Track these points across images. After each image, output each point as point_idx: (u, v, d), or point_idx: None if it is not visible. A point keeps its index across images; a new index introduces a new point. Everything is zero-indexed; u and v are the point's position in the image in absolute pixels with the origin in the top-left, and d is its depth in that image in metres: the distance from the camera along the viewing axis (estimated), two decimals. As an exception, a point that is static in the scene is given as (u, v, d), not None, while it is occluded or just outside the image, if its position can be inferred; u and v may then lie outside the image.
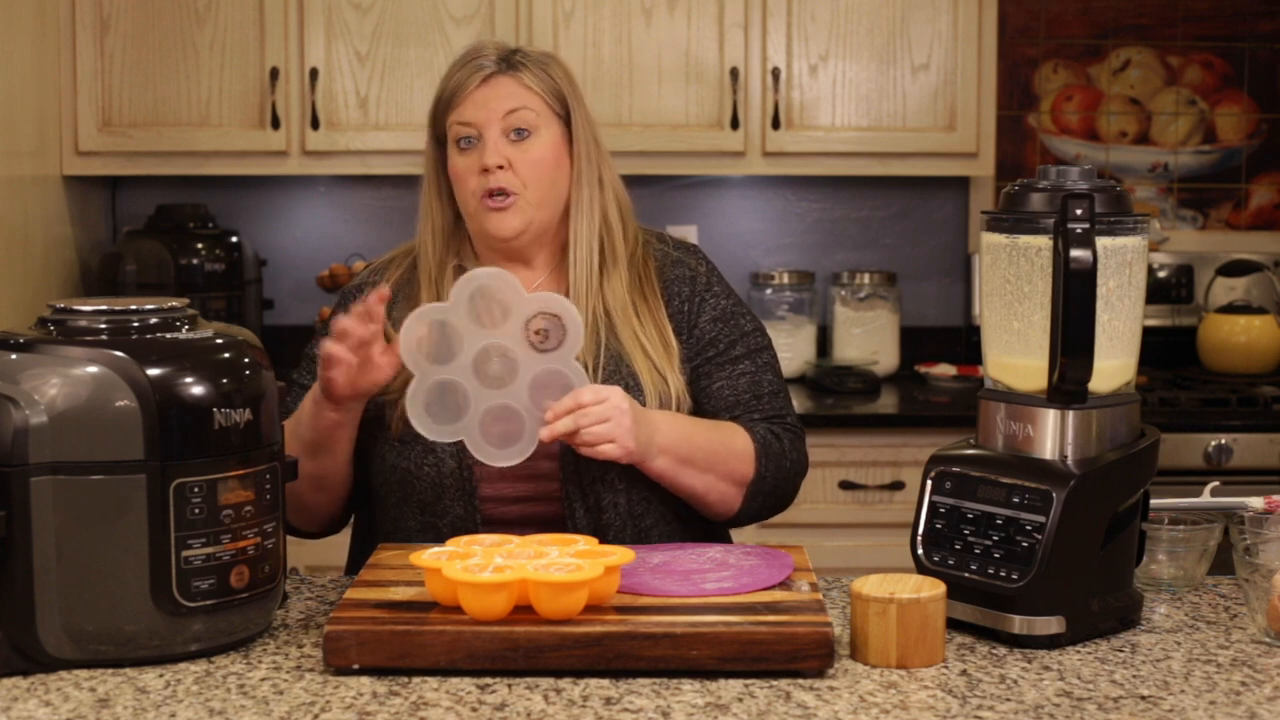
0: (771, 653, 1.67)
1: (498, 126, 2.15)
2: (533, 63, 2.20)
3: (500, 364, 2.00)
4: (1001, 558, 1.81)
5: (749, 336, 2.24)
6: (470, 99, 2.17)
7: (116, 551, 1.69)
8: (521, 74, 2.18)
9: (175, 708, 1.60)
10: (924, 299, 4.30)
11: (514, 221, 2.16)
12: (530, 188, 2.16)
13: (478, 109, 2.16)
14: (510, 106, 2.16)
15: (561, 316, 2.00)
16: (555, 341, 2.00)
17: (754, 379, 2.22)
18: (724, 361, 2.21)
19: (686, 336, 2.21)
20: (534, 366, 2.01)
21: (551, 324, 2.00)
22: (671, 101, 3.84)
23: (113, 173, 3.90)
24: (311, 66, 3.77)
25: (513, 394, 2.01)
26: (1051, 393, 1.83)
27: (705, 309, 2.23)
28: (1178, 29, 4.25)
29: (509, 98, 2.16)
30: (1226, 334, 4.02)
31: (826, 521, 3.58)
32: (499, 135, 2.15)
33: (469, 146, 2.17)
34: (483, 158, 2.15)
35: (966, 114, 3.88)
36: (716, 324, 2.22)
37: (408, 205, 4.08)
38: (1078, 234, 1.78)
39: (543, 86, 2.18)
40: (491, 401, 2.00)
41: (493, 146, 2.15)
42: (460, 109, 2.17)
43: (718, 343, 2.21)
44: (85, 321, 1.75)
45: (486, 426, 2.01)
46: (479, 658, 1.68)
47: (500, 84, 2.17)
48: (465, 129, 2.17)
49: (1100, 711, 1.60)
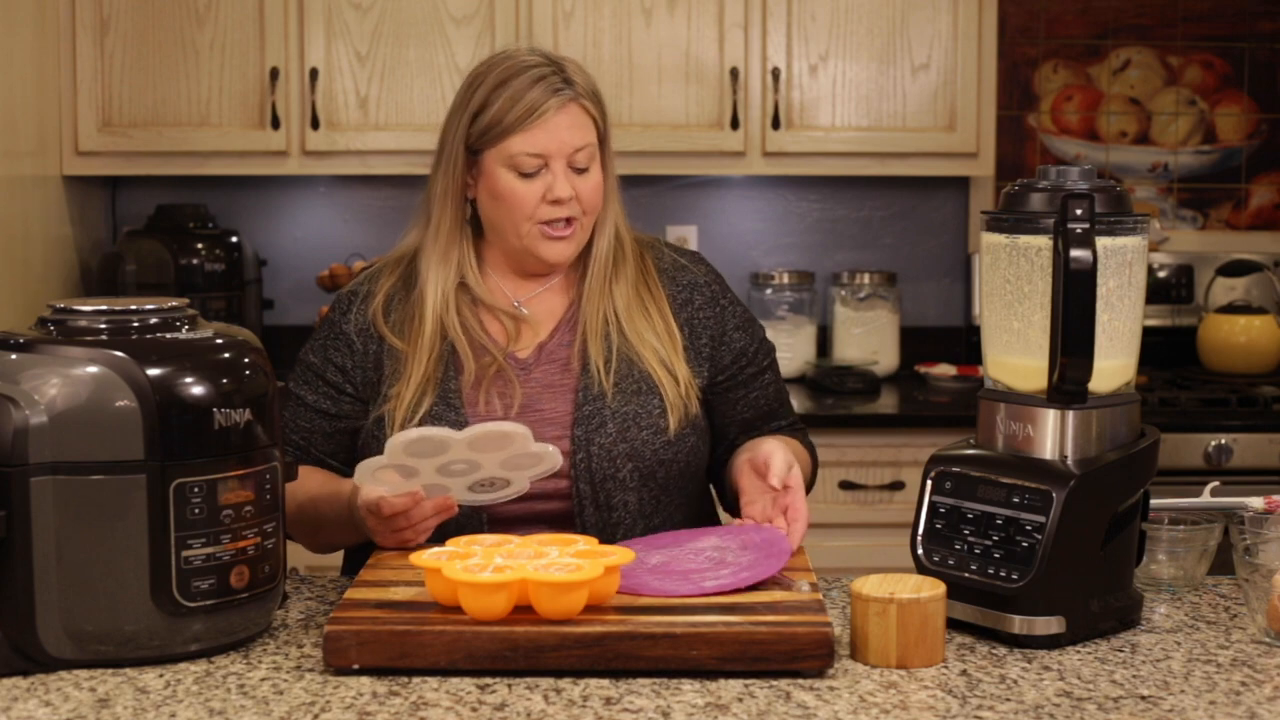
0: (771, 653, 1.67)
1: (565, 158, 2.13)
2: (581, 76, 2.16)
3: (464, 466, 1.95)
4: (1001, 558, 1.81)
5: (764, 344, 2.30)
6: (543, 126, 2.11)
7: (116, 551, 1.69)
8: (582, 97, 2.15)
9: (175, 708, 1.60)
10: (924, 299, 4.30)
11: (571, 249, 2.18)
12: (588, 214, 2.17)
13: (550, 139, 2.12)
14: (580, 143, 2.14)
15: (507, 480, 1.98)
16: (503, 485, 1.99)
17: (777, 388, 2.29)
18: (755, 372, 2.26)
19: (714, 345, 2.23)
20: (495, 465, 1.97)
21: (495, 479, 1.98)
22: (671, 101, 3.84)
23: (113, 173, 3.90)
24: (311, 66, 3.77)
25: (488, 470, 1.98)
26: (1051, 393, 1.83)
27: (730, 318, 2.25)
28: (1178, 29, 4.25)
29: (578, 132, 2.13)
30: (1226, 334, 4.02)
31: (826, 521, 3.58)
32: (565, 166, 2.14)
33: (533, 174, 2.13)
34: (554, 189, 2.13)
35: (966, 114, 3.88)
36: (742, 333, 2.26)
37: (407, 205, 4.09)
38: (1078, 234, 1.78)
39: (596, 109, 2.17)
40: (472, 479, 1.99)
41: (563, 178, 2.13)
42: (529, 136, 2.11)
43: (748, 351, 2.25)
44: (85, 321, 1.75)
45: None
46: (479, 658, 1.68)
47: (572, 113, 2.13)
48: (535, 157, 2.12)
49: (1100, 711, 1.60)
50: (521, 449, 1.93)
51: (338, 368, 2.19)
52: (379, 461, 1.90)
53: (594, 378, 2.14)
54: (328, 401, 2.19)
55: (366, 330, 2.19)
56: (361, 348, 2.19)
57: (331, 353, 2.20)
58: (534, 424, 2.10)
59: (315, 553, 2.24)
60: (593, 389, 2.14)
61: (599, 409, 2.13)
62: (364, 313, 2.20)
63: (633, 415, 2.13)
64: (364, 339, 2.19)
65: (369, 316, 2.19)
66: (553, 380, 2.16)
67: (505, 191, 2.14)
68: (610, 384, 2.13)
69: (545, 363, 2.18)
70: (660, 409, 2.14)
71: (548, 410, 2.14)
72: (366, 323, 2.19)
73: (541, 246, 2.16)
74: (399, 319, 2.19)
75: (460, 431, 1.88)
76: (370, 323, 2.19)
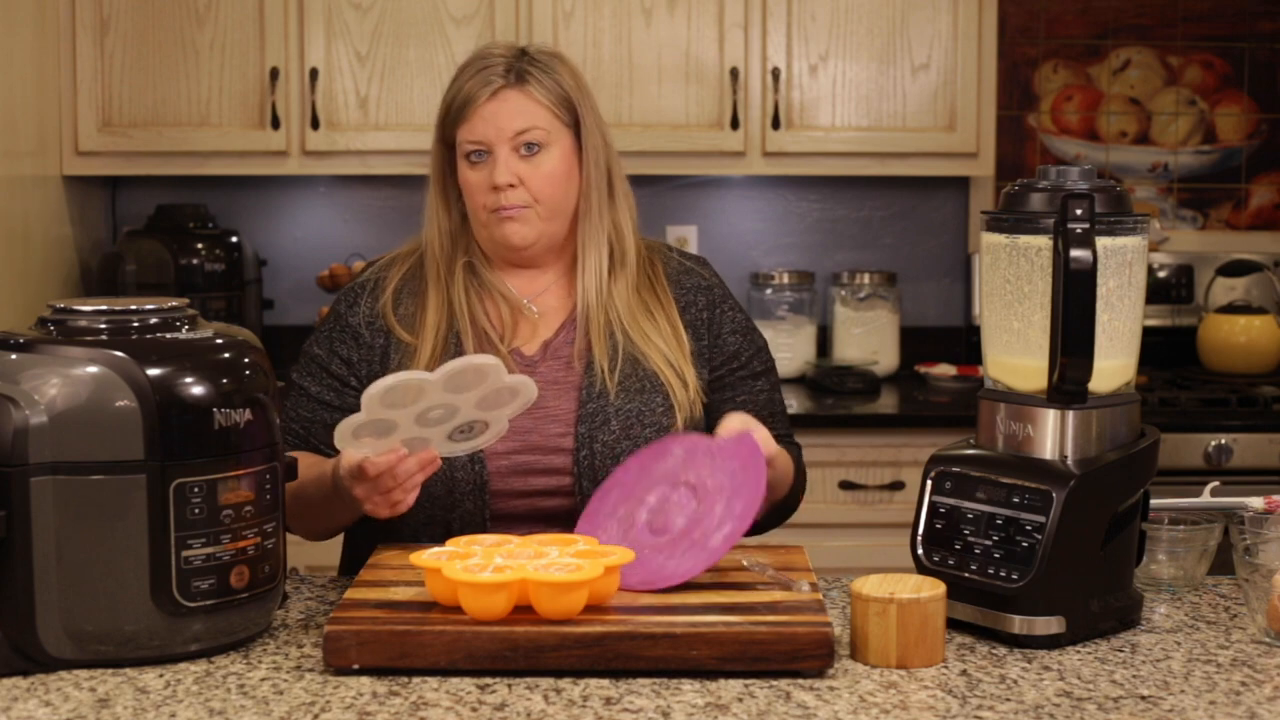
0: (771, 653, 1.67)
1: (508, 144, 2.14)
2: (540, 70, 2.16)
3: (441, 411, 1.92)
4: (1001, 558, 1.81)
5: (762, 352, 2.28)
6: (479, 115, 2.14)
7: (116, 551, 1.69)
8: (530, 85, 2.15)
9: (175, 708, 1.60)
10: (924, 299, 4.30)
11: (525, 231, 2.17)
12: (542, 202, 2.16)
13: (486, 126, 2.14)
14: (519, 127, 2.14)
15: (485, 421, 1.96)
16: (483, 428, 1.97)
17: (769, 397, 2.26)
18: (746, 376, 2.25)
19: (710, 345, 2.23)
20: (472, 408, 1.94)
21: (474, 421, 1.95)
22: (671, 101, 3.84)
23: (113, 173, 3.90)
24: (311, 66, 3.77)
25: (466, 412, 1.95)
26: (1051, 393, 1.83)
27: (726, 320, 2.25)
28: (1178, 29, 4.25)
29: (518, 116, 2.14)
30: (1226, 334, 4.02)
31: (826, 521, 3.58)
32: (509, 152, 2.14)
33: (479, 161, 2.15)
34: (493, 175, 2.14)
35: (966, 114, 3.88)
36: (738, 336, 2.25)
37: (407, 205, 4.11)
38: (1078, 234, 1.78)
39: (552, 98, 2.16)
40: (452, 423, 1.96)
41: (503, 164, 2.13)
42: (469, 125, 2.15)
43: (740, 355, 2.24)
44: (85, 321, 1.75)
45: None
46: (479, 658, 1.68)
47: (509, 99, 2.14)
48: (474, 145, 2.15)
49: (1100, 711, 1.60)
50: (496, 382, 1.90)
51: (343, 360, 2.19)
52: (357, 419, 1.87)
53: (598, 375, 2.14)
54: (331, 393, 2.19)
55: (374, 323, 2.19)
56: (369, 340, 2.19)
57: (337, 345, 2.20)
58: (538, 420, 2.10)
59: (311, 540, 2.22)
60: (596, 386, 2.14)
61: (602, 406, 2.13)
62: (372, 305, 2.21)
63: (636, 413, 2.13)
64: (371, 332, 2.19)
65: (378, 308, 2.20)
66: (557, 377, 2.17)
67: (462, 181, 2.18)
68: (614, 382, 2.14)
69: (550, 359, 2.18)
70: (664, 407, 2.14)
71: (552, 407, 2.14)
72: (375, 315, 2.20)
73: (495, 228, 2.17)
74: (410, 310, 2.19)
75: (434, 373, 1.86)
76: (379, 314, 2.19)
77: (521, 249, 2.18)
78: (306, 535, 2.20)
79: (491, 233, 2.18)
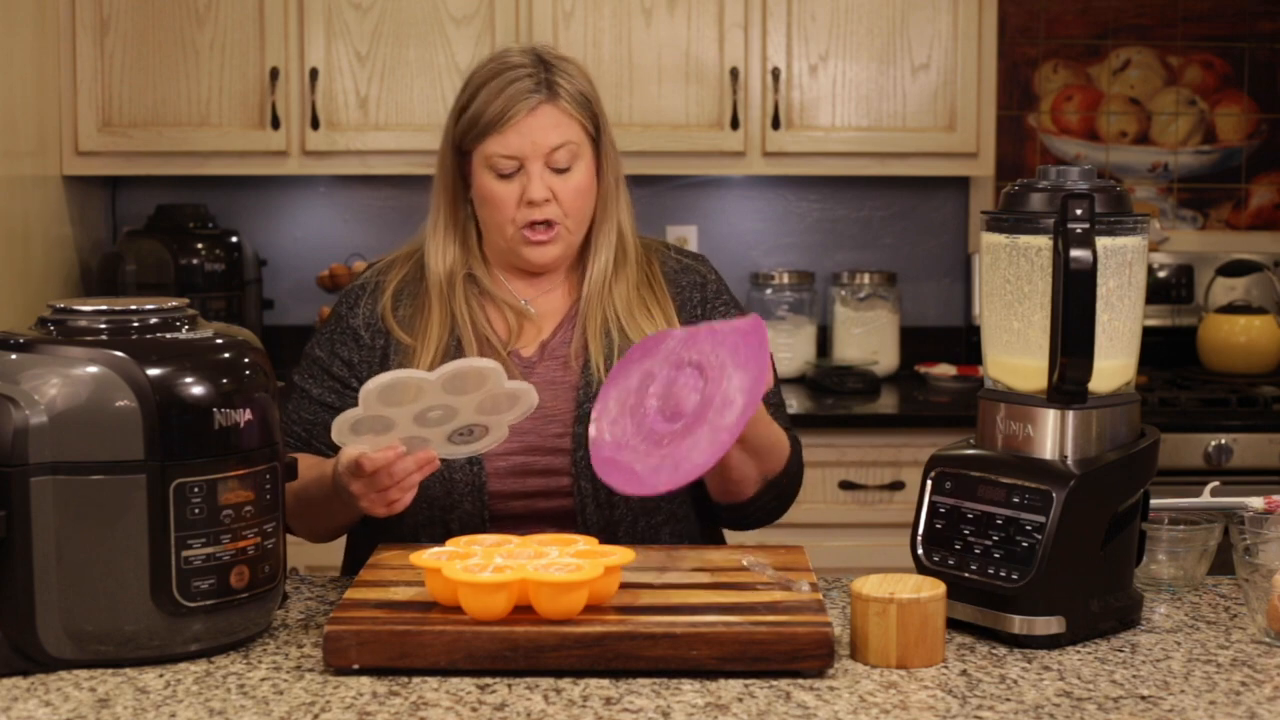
0: (771, 653, 1.67)
1: (542, 159, 2.12)
2: (566, 79, 2.14)
3: (440, 412, 1.91)
4: (1001, 558, 1.81)
5: None
6: (515, 129, 2.11)
7: (116, 551, 1.69)
8: (562, 99, 2.13)
9: (175, 708, 1.60)
10: (924, 299, 4.30)
11: (555, 251, 2.16)
12: (571, 216, 2.16)
13: (523, 141, 2.12)
14: (555, 142, 2.12)
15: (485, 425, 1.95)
16: (483, 432, 1.96)
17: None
18: None
19: None
20: (471, 411, 1.93)
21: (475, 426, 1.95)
22: (671, 101, 3.84)
23: (113, 173, 3.90)
24: (311, 66, 3.77)
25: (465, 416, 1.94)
26: (1051, 393, 1.83)
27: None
28: (1178, 29, 4.25)
29: (553, 131, 2.12)
30: (1226, 334, 4.02)
31: (826, 521, 3.58)
32: (542, 166, 2.12)
33: (509, 175, 2.13)
34: (528, 191, 2.12)
35: (966, 114, 3.88)
36: None
37: (407, 205, 4.12)
38: (1078, 234, 1.78)
39: (582, 112, 2.15)
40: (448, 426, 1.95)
41: (538, 180, 2.12)
42: (502, 138, 2.12)
43: None
44: (85, 321, 1.75)
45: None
46: (479, 658, 1.68)
47: (545, 113, 2.12)
48: (508, 159, 2.12)
49: (1100, 711, 1.60)
50: (496, 387, 1.89)
51: (344, 362, 2.19)
52: (355, 414, 1.86)
53: (595, 375, 2.14)
54: (332, 395, 2.19)
55: (374, 325, 2.19)
56: (369, 342, 2.19)
57: (338, 347, 2.20)
58: (537, 421, 2.10)
59: (314, 541, 2.22)
60: (594, 387, 2.14)
61: None
62: (373, 307, 2.21)
63: None
64: (371, 333, 2.19)
65: (378, 310, 2.20)
66: (555, 377, 2.17)
67: (486, 193, 2.15)
68: None
69: (548, 360, 2.18)
70: (663, 407, 2.14)
71: (550, 407, 2.14)
72: (375, 317, 2.20)
73: (523, 250, 2.16)
74: (409, 313, 2.19)
75: (433, 373, 1.86)
76: (379, 316, 2.19)
77: (549, 269, 2.19)
78: (309, 536, 2.20)
79: (519, 250, 2.16)
